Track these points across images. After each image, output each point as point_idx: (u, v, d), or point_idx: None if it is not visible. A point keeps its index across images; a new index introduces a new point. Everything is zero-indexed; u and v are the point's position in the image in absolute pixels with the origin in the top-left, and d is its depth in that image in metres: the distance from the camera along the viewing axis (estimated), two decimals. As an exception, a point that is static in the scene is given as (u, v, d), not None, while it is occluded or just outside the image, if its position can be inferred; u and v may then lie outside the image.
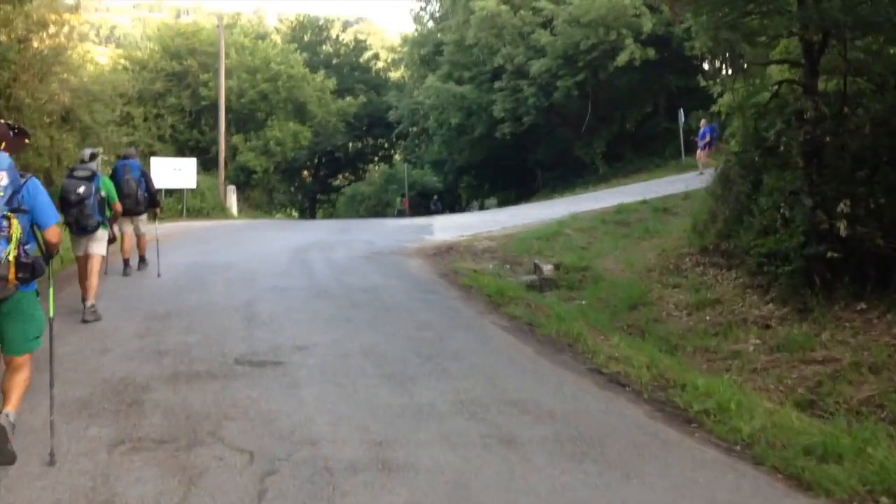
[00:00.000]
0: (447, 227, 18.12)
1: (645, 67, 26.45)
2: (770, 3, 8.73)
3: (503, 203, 50.40)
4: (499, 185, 40.69)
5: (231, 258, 12.51)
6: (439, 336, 7.24)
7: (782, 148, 8.29)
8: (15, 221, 4.11)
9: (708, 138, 23.05)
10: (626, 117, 28.54)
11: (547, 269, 12.02)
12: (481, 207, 54.33)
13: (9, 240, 4.06)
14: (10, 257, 4.06)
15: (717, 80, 11.72)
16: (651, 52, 25.58)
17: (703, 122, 23.78)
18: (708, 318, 8.68)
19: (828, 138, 7.83)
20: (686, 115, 26.22)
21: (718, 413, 4.97)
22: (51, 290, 4.52)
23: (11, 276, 4.08)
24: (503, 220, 18.85)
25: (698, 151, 23.33)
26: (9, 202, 4.13)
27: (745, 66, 9.70)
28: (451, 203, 56.25)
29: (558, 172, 31.97)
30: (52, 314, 4.59)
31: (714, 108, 14.56)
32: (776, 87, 8.96)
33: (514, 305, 8.96)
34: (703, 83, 18.35)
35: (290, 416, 4.95)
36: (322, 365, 6.14)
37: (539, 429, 4.77)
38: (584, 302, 10.49)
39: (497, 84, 29.36)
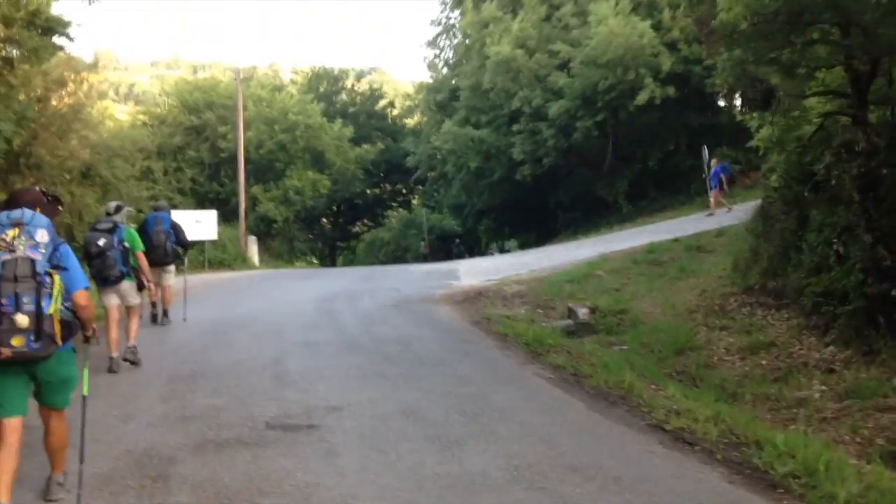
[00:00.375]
0: (473, 272, 17.72)
1: (665, 106, 26.17)
2: (812, 34, 8.38)
3: (523, 245, 50.10)
4: (519, 227, 40.35)
5: (256, 311, 12.16)
6: (481, 392, 6.77)
7: (834, 182, 7.85)
8: (57, 278, 4.15)
9: (721, 178, 22.90)
10: (649, 156, 28.16)
11: (582, 312, 11.54)
12: (501, 250, 54.10)
13: (52, 296, 4.09)
14: (55, 313, 4.10)
15: (754, 115, 11.26)
16: (671, 91, 25.30)
17: (713, 161, 23.53)
18: (764, 362, 8.16)
19: (884, 171, 7.39)
20: (709, 153, 25.87)
21: (806, 475, 4.46)
22: (85, 370, 4.60)
23: (57, 332, 4.12)
24: (530, 262, 18.43)
25: (711, 192, 23.12)
26: (49, 259, 4.18)
27: (780, 99, 9.26)
28: (471, 246, 56.06)
29: (580, 213, 31.55)
30: (85, 392, 4.58)
31: (752, 143, 14.18)
32: (821, 119, 8.55)
33: (555, 354, 8.49)
34: (738, 118, 17.97)
35: (329, 490, 4.49)
36: (359, 428, 5.69)
37: (609, 500, 4.28)
38: (625, 347, 9.99)
39: (515, 127, 29.18)
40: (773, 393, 7.27)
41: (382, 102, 47.92)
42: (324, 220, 46.02)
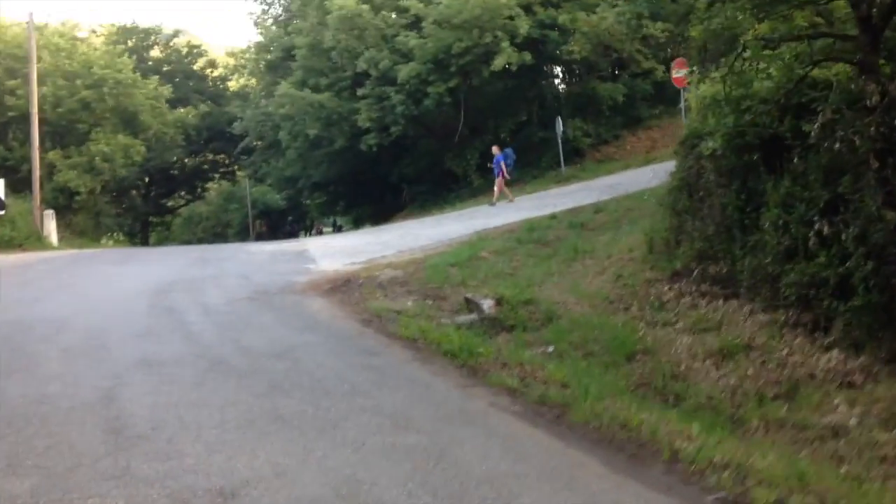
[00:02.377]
0: (329, 254, 15.32)
1: (520, 73, 24.84)
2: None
3: (357, 222, 47.87)
4: (356, 201, 37.93)
5: (64, 310, 9.15)
6: (436, 444, 4.60)
7: (837, 145, 6.36)
8: None
9: (503, 166, 21.58)
10: (500, 126, 26.81)
11: (487, 305, 9.59)
12: (336, 227, 51.45)
13: None
14: None
15: (694, 69, 9.70)
16: (528, 57, 23.93)
17: (494, 149, 22.18)
18: (749, 371, 6.57)
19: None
20: (564, 124, 24.86)
21: None
22: None
23: None
24: (391, 241, 16.28)
25: (497, 180, 21.69)
26: None
27: (744, 46, 7.69)
28: (308, 224, 52.88)
29: (427, 186, 29.67)
30: None
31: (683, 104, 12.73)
32: (810, 67, 7.05)
33: (495, 370, 6.48)
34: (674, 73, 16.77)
35: None
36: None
37: None
38: (551, 349, 8.17)
39: (360, 91, 26.68)
40: (787, 418, 5.66)
41: (202, 61, 43.42)
42: (134, 192, 41.07)
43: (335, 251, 15.80)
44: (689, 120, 9.98)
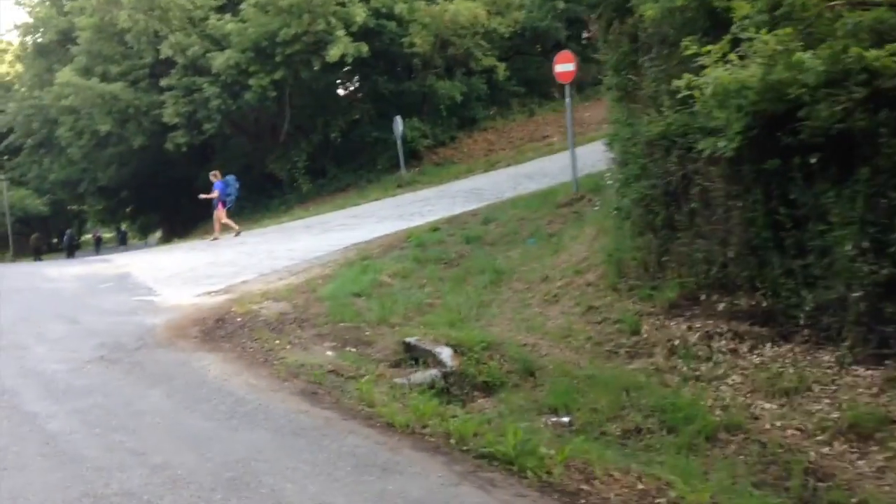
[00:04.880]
0: (164, 279, 12.07)
1: (354, 67, 22.43)
2: None
3: (146, 230, 42.58)
4: (150, 207, 33.34)
5: None
6: None
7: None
8: None
9: (216, 194, 18.17)
10: (331, 125, 24.11)
11: (445, 355, 7.26)
12: (121, 237, 45.53)
13: None
14: None
15: (709, 48, 7.86)
16: (364, 48, 21.55)
17: (212, 175, 18.68)
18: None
19: None
20: (402, 123, 22.76)
21: None
22: None
23: None
24: (241, 261, 13.31)
25: (216, 212, 18.31)
26: None
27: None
28: (61, 232, 46.08)
29: (243, 192, 26.21)
30: None
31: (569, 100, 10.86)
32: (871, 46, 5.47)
33: (577, 478, 4.24)
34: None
35: None
36: None
37: None
38: (566, 419, 6.04)
39: (164, 82, 22.83)
40: None
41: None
42: None
43: (170, 275, 12.54)
44: (665, 115, 8.22)
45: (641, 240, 8.39)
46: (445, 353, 7.26)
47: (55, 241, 45.65)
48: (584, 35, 11.49)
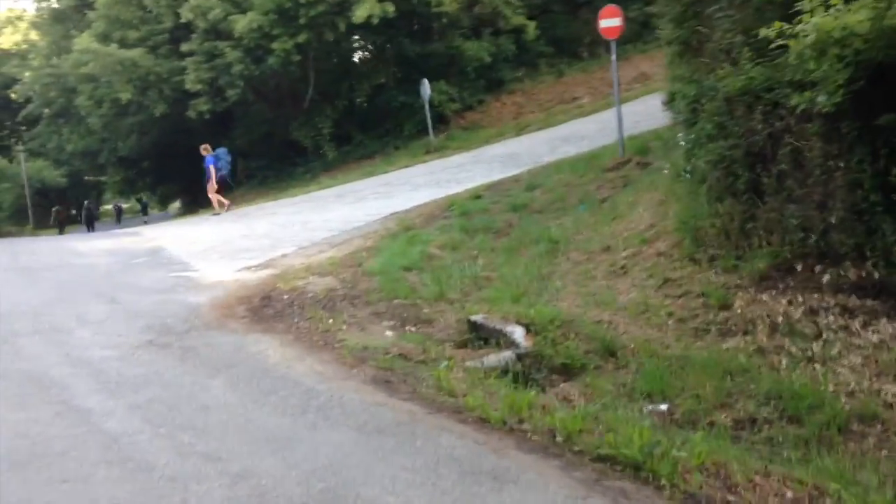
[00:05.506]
0: (199, 252, 11.59)
1: (377, 28, 21.60)
2: None
3: (166, 201, 42.16)
4: (170, 178, 32.79)
5: None
6: None
7: None
8: None
9: (211, 170, 17.73)
10: (355, 90, 23.39)
11: (518, 334, 6.72)
12: (144, 211, 45.18)
13: None
14: None
15: None
16: (390, 9, 20.74)
17: (203, 149, 18.22)
18: None
19: None
20: (430, 86, 21.98)
21: None
22: None
23: None
24: (276, 233, 12.84)
25: (209, 187, 17.94)
26: None
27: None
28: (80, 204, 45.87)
29: (265, 161, 25.64)
30: None
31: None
32: None
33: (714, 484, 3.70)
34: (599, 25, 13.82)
35: None
36: None
37: None
38: (663, 407, 5.50)
39: (185, 47, 22.14)
40: None
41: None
42: None
43: (204, 248, 12.05)
44: (745, 68, 7.54)
45: (721, 205, 7.73)
46: (518, 333, 6.71)
47: (73, 212, 45.42)
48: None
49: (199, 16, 21.47)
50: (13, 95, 28.39)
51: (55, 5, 27.34)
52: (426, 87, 21.67)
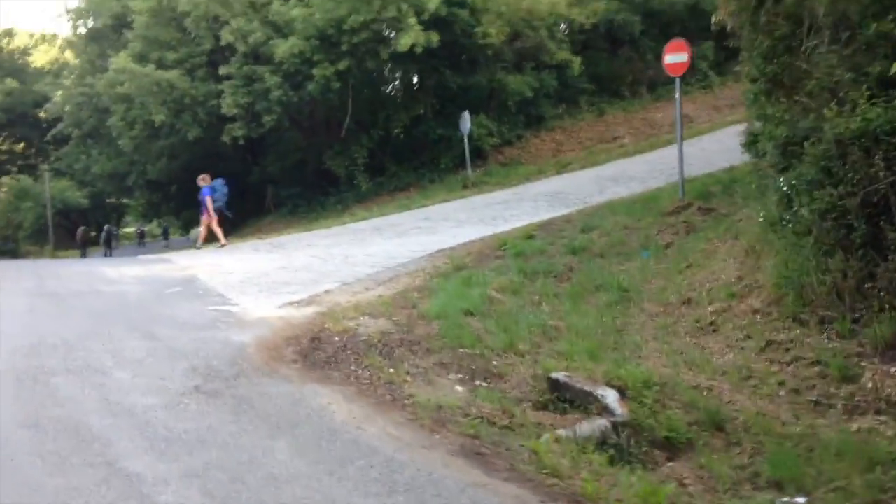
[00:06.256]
0: (236, 284, 10.87)
1: (421, 57, 21.08)
2: None
3: (188, 226, 41.65)
4: (198, 204, 32.17)
5: None
6: None
7: None
8: None
9: (207, 201, 17.14)
10: (392, 120, 22.86)
11: (610, 399, 5.92)
12: (165, 235, 44.75)
13: None
14: None
15: None
16: (435, 38, 20.25)
17: (201, 179, 17.72)
18: None
19: None
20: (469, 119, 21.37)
21: None
22: None
23: None
24: (317, 266, 12.15)
25: (204, 219, 17.43)
26: None
27: None
28: (102, 225, 45.65)
29: (297, 189, 25.05)
30: None
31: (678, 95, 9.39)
32: None
33: None
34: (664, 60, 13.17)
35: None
36: None
37: None
38: (801, 501, 4.67)
39: (223, 70, 21.71)
40: None
41: (-4, 30, 35.72)
42: None
43: (241, 280, 11.32)
44: (862, 108, 6.80)
45: (831, 260, 6.95)
46: (611, 397, 5.91)
47: (93, 233, 45.17)
48: (713, 21, 10.08)
49: (240, 39, 21.07)
50: (43, 114, 27.97)
51: (91, 24, 27.10)
52: (466, 121, 21.10)
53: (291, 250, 14.66)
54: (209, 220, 17.16)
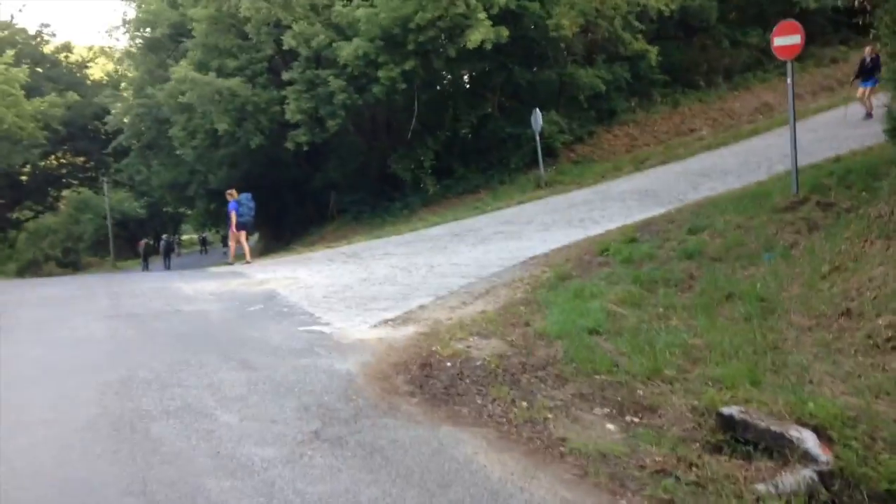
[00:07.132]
0: (320, 300, 10.13)
1: (487, 54, 20.14)
2: None
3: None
4: (259, 211, 31.86)
5: None
6: None
7: None
8: None
9: (232, 216, 16.97)
10: (460, 120, 21.97)
11: (809, 442, 4.90)
12: (224, 243, 44.72)
13: None
14: None
15: None
16: (504, 33, 19.29)
17: (228, 194, 17.51)
18: None
19: None
20: (541, 117, 20.35)
21: None
22: None
23: None
24: (401, 278, 11.33)
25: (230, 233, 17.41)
26: None
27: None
28: (158, 235, 45.95)
29: (360, 195, 24.34)
30: None
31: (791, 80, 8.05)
32: None
33: None
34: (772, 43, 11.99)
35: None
36: None
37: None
38: None
39: (286, 76, 21.09)
40: None
41: (55, 44, 35.81)
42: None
43: (324, 295, 10.58)
44: None
45: None
46: (810, 441, 4.87)
47: (152, 243, 45.39)
48: (856, 3, 8.96)
49: (302, 43, 20.41)
50: (103, 126, 27.85)
51: (149, 34, 26.82)
52: (538, 118, 20.08)
53: (368, 260, 13.87)
54: (234, 233, 16.60)
